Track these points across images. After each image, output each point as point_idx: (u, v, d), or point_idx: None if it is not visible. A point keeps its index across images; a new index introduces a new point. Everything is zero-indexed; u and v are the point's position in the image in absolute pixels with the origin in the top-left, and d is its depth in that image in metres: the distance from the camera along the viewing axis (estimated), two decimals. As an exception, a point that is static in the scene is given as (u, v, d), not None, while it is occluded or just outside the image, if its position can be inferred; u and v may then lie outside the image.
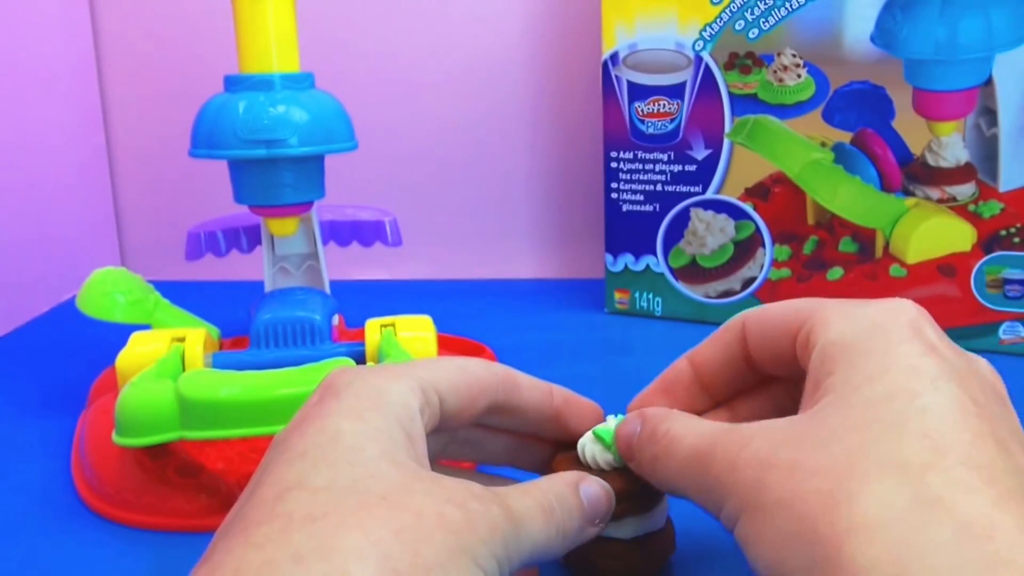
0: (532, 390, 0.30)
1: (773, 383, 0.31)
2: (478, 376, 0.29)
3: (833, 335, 0.25)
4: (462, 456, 0.32)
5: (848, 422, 0.23)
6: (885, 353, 0.24)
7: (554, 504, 0.26)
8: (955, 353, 0.25)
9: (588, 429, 0.31)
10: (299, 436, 0.24)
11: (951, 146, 0.53)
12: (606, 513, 0.29)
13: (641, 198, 0.61)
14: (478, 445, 0.31)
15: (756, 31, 0.55)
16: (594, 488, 0.28)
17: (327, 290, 0.49)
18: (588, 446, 0.31)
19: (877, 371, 0.24)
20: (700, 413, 0.31)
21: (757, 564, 0.23)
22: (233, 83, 0.44)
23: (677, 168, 0.59)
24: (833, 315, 0.26)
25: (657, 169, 0.60)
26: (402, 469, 0.24)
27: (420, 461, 0.25)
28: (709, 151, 0.58)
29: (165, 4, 0.71)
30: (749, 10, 0.55)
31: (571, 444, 0.32)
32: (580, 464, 0.31)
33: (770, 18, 0.55)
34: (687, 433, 0.26)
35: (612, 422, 0.31)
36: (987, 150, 0.53)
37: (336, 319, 0.47)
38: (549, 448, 0.33)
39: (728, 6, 0.55)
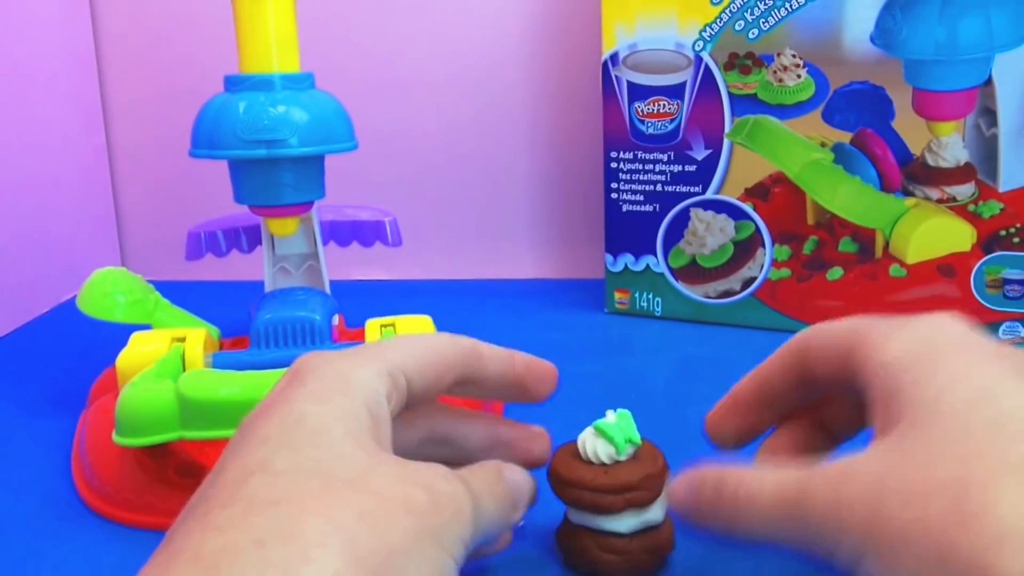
0: (495, 360, 0.31)
1: (809, 411, 0.32)
2: (444, 353, 0.29)
3: (894, 353, 0.25)
4: (435, 457, 0.32)
5: (946, 435, 0.22)
6: (951, 364, 0.24)
7: (494, 486, 0.27)
8: (1010, 352, 0.25)
9: (547, 392, 0.32)
10: (264, 420, 0.24)
11: (951, 146, 0.53)
12: (528, 500, 0.29)
13: (641, 198, 0.61)
14: (454, 444, 0.32)
15: (756, 31, 0.55)
16: (515, 475, 0.28)
17: (327, 290, 0.49)
18: (589, 440, 0.31)
19: (950, 383, 0.23)
20: (759, 433, 0.32)
21: None
22: (233, 83, 0.44)
23: (677, 168, 0.59)
24: (888, 333, 0.26)
25: (657, 169, 0.60)
26: (367, 451, 0.23)
27: (385, 445, 0.25)
28: (709, 151, 0.58)
29: (165, 4, 0.71)
30: (749, 10, 0.55)
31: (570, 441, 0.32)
32: (580, 459, 0.31)
33: (770, 18, 0.55)
34: (764, 483, 0.25)
35: (612, 417, 0.31)
36: (987, 150, 0.53)
37: (336, 319, 0.47)
38: (523, 454, 0.32)
39: (728, 6, 0.55)
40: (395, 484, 0.22)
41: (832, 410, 0.32)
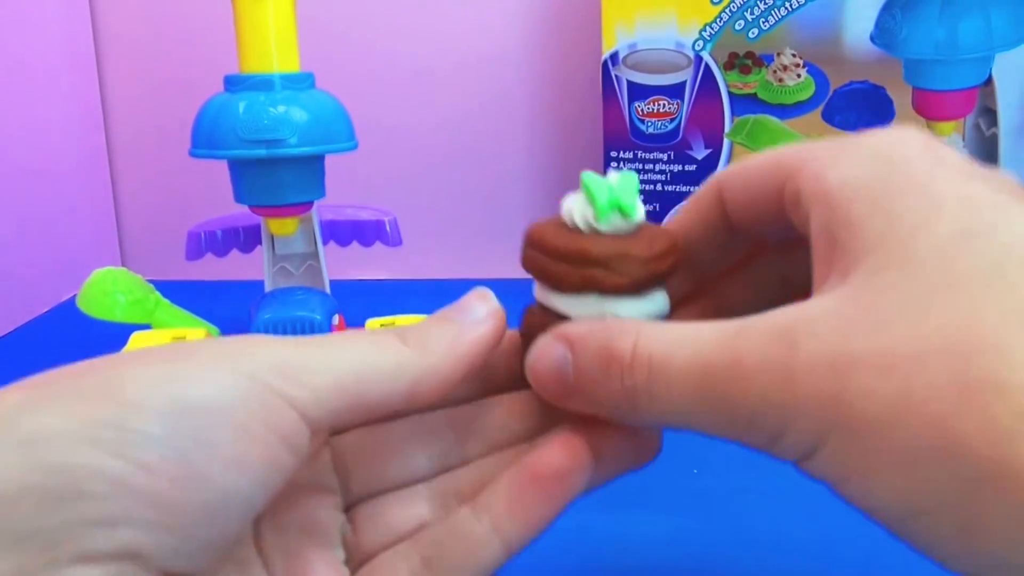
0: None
1: (755, 261, 0.26)
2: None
3: (839, 178, 0.20)
4: None
5: (930, 280, 0.17)
6: (922, 188, 0.19)
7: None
8: (983, 171, 0.20)
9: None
10: None
11: (951, 146, 0.53)
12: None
13: (641, 198, 0.61)
14: None
15: (756, 31, 0.55)
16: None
17: (327, 290, 0.49)
18: (570, 199, 0.24)
19: (925, 210, 0.18)
20: (680, 304, 0.25)
21: (870, 499, 0.17)
22: (233, 83, 0.44)
23: (677, 168, 0.59)
24: (828, 156, 0.20)
25: (657, 169, 0.60)
26: None
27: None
28: (709, 151, 0.58)
29: (165, 4, 0.71)
30: (749, 10, 0.55)
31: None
32: (567, 227, 0.24)
33: (770, 18, 0.55)
34: (677, 344, 0.19)
35: (614, 175, 0.24)
36: (987, 150, 0.53)
37: (336, 319, 0.47)
38: None
39: (728, 6, 0.55)
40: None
41: (757, 275, 0.26)
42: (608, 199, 0.23)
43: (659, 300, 0.23)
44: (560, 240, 0.23)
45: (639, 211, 0.24)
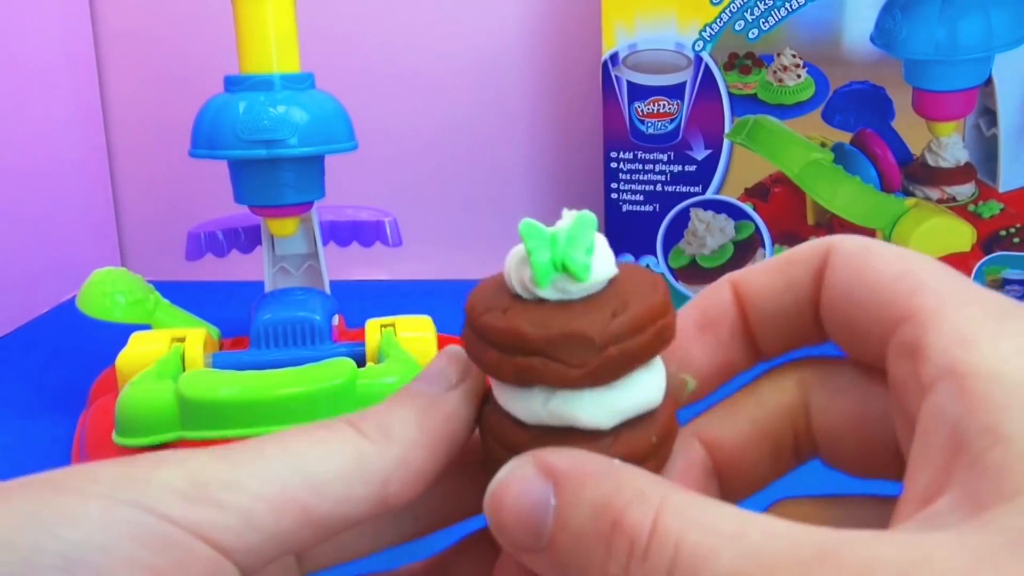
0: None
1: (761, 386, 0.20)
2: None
3: (994, 367, 0.14)
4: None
5: None
6: None
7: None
8: None
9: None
10: None
11: (951, 146, 0.53)
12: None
13: (641, 198, 0.61)
14: None
15: (756, 31, 0.55)
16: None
17: (327, 290, 0.49)
18: (512, 255, 0.18)
19: None
20: (731, 371, 0.20)
21: None
22: (233, 83, 0.44)
23: (677, 168, 0.59)
24: (964, 322, 0.15)
25: (657, 169, 0.60)
26: None
27: None
28: (709, 151, 0.58)
29: (165, 4, 0.71)
30: (749, 10, 0.55)
31: None
32: (507, 293, 0.18)
33: (770, 18, 0.55)
34: (722, 541, 0.13)
35: (565, 219, 0.18)
36: (987, 150, 0.53)
37: (336, 319, 0.47)
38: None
39: (728, 6, 0.55)
40: None
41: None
42: (550, 256, 0.17)
43: (642, 389, 0.17)
44: (489, 316, 0.17)
45: (601, 266, 0.17)
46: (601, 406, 0.16)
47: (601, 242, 0.18)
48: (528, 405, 0.17)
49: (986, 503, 0.13)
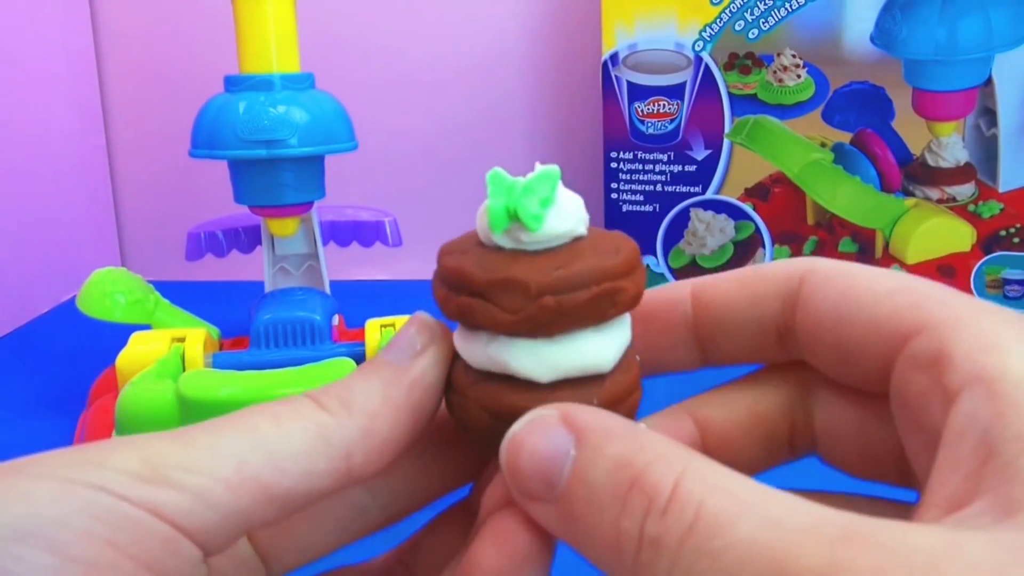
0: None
1: (786, 374, 0.20)
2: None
3: (1012, 369, 0.14)
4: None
5: None
6: None
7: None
8: None
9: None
10: None
11: (951, 146, 0.53)
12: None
13: (641, 198, 0.61)
14: None
15: (756, 31, 0.55)
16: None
17: (327, 290, 0.49)
18: (483, 206, 0.18)
19: None
20: (667, 367, 0.21)
21: None
22: (233, 83, 0.44)
23: (677, 168, 0.59)
24: (985, 330, 0.15)
25: (657, 169, 0.60)
26: None
27: None
28: (709, 151, 0.58)
29: (165, 4, 0.71)
30: (749, 10, 0.55)
31: None
32: (475, 240, 0.18)
33: (770, 18, 0.55)
34: (744, 511, 0.13)
35: (538, 169, 0.19)
36: (987, 150, 0.53)
37: (336, 319, 0.47)
38: None
39: (728, 6, 0.55)
40: None
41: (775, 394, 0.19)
42: (504, 203, 0.17)
43: (586, 349, 0.17)
44: (449, 257, 0.18)
45: (560, 222, 0.17)
46: (537, 357, 0.17)
47: (571, 201, 0.18)
48: (473, 348, 0.17)
49: (1019, 507, 0.13)
